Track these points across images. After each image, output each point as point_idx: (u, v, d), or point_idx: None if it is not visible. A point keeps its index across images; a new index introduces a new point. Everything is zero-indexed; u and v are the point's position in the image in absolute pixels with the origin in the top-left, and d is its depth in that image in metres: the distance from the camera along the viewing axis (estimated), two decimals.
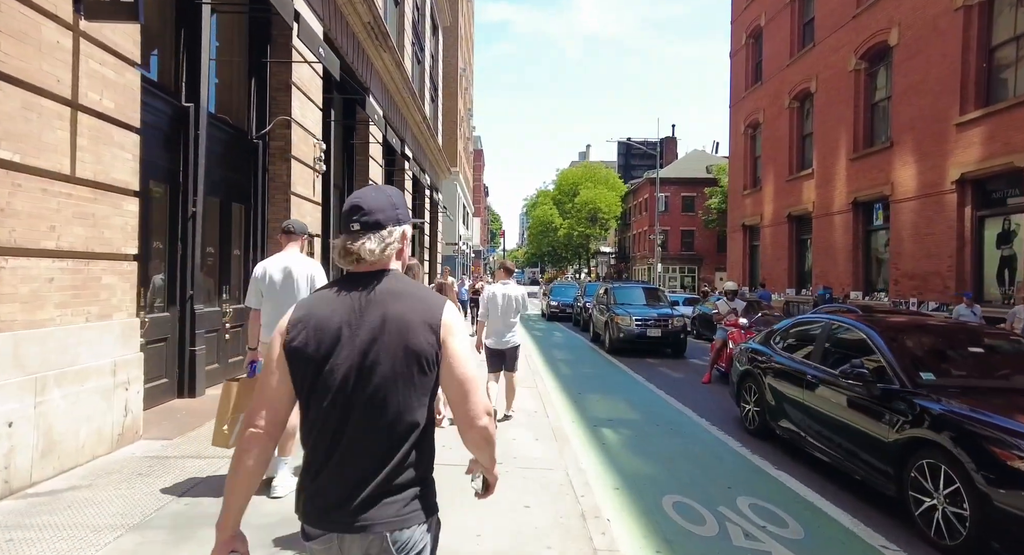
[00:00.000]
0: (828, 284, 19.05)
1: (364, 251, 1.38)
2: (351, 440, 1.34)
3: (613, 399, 7.69)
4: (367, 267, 1.41)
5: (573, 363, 11.00)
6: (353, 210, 1.42)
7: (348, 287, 1.40)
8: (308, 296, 1.52)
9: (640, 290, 13.85)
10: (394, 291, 1.40)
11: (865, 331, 4.55)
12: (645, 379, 9.35)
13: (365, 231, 1.39)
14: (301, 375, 1.36)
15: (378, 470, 1.33)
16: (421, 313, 1.38)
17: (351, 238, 1.40)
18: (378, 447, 1.34)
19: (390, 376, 1.34)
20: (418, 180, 20.04)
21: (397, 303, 1.38)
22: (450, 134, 39.96)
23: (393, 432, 1.34)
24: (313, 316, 1.38)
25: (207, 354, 6.65)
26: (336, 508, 1.32)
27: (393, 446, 1.34)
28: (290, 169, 8.14)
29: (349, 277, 1.43)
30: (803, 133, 21.70)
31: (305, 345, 1.35)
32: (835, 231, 18.73)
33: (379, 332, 1.35)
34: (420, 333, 1.36)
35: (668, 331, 11.79)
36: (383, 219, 1.42)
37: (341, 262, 1.43)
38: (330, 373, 1.34)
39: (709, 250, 44.19)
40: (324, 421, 1.35)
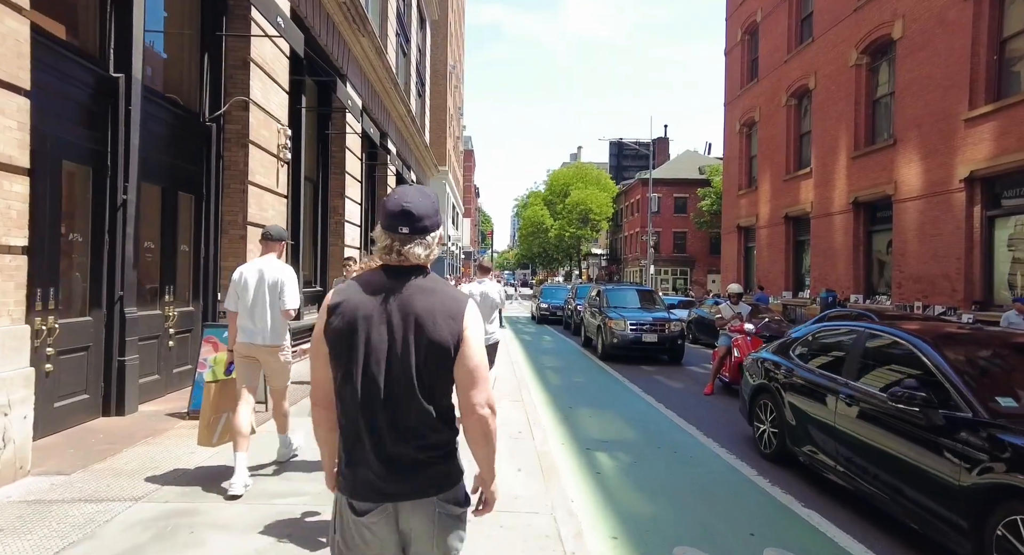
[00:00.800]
0: (828, 287, 18.42)
1: (412, 255, 1.52)
2: (385, 417, 1.47)
3: (607, 414, 6.89)
4: (404, 262, 1.53)
5: (563, 371, 10.19)
6: (403, 215, 1.51)
7: (386, 280, 1.53)
8: (347, 283, 1.60)
9: (634, 292, 13.08)
10: (424, 287, 1.53)
11: (913, 342, 3.78)
12: (641, 390, 8.57)
13: (414, 236, 1.51)
14: (336, 355, 1.51)
15: (414, 443, 1.48)
16: (446, 308, 1.51)
17: (400, 241, 1.51)
18: (410, 423, 1.48)
19: (417, 362, 1.47)
20: (402, 177, 19.17)
21: (426, 298, 1.51)
22: (438, 132, 39.11)
23: (422, 410, 1.48)
24: (350, 303, 1.51)
25: (142, 365, 5.78)
26: (383, 480, 1.46)
27: (423, 422, 1.49)
28: (248, 156, 7.27)
29: (387, 269, 1.55)
30: (801, 131, 21.10)
31: (340, 330, 1.49)
32: (835, 232, 18.10)
33: (408, 323, 1.48)
34: (444, 326, 1.48)
35: (665, 336, 11.02)
36: (429, 225, 1.53)
37: (384, 257, 1.55)
38: (363, 356, 1.48)
39: (701, 252, 43.63)
40: (357, 405, 1.48)
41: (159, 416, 5.41)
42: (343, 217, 12.12)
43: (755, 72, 24.46)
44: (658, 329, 11.06)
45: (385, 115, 15.90)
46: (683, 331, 11.32)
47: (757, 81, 23.91)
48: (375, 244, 1.58)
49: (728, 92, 27.20)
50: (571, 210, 50.00)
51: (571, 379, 9.38)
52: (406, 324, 1.47)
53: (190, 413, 5.35)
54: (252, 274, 3.99)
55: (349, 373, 1.48)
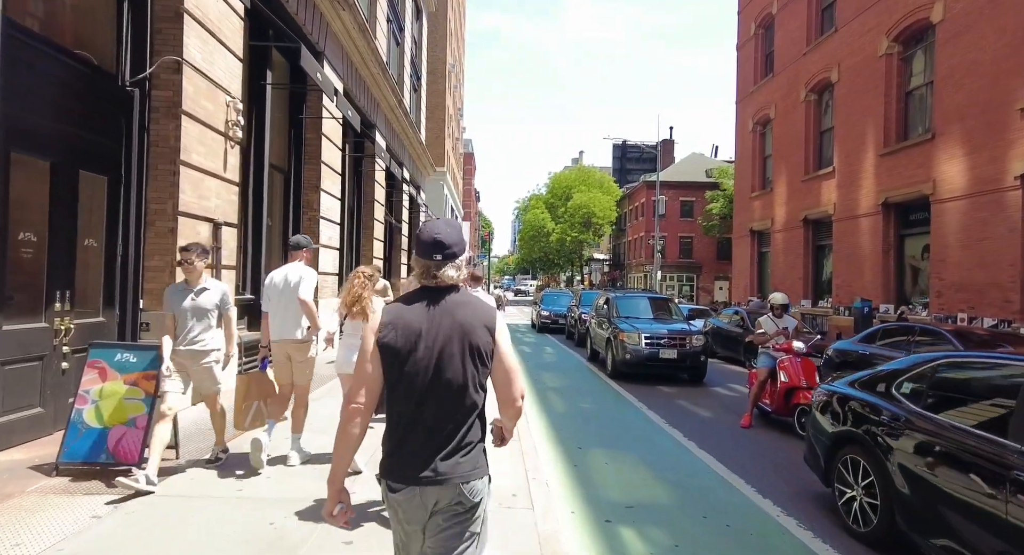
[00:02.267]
0: (853, 294, 16.96)
1: (446, 277, 1.83)
2: (429, 416, 1.75)
3: (628, 459, 5.41)
4: (441, 284, 1.83)
5: (568, 393, 8.71)
6: (436, 245, 1.82)
7: (427, 298, 1.83)
8: (395, 303, 1.87)
9: (648, 301, 11.60)
10: (460, 302, 1.83)
11: None
12: (664, 420, 7.09)
13: (446, 261, 1.82)
14: (389, 365, 1.77)
15: (451, 438, 1.75)
16: (480, 319, 1.81)
17: (435, 266, 1.82)
18: (449, 421, 1.76)
19: (458, 367, 1.75)
20: (392, 174, 17.75)
21: (463, 311, 1.81)
22: (436, 132, 37.77)
23: (460, 409, 1.77)
24: (400, 319, 1.79)
25: (13, 395, 4.33)
26: (421, 468, 1.73)
27: (460, 420, 1.77)
28: (181, 129, 5.83)
29: (426, 290, 1.85)
30: (821, 128, 19.69)
31: (394, 342, 1.76)
32: (861, 236, 16.66)
33: (450, 333, 1.77)
34: (480, 334, 1.79)
35: (686, 352, 9.55)
36: (457, 251, 1.84)
37: (423, 280, 1.85)
38: (413, 364, 1.75)
39: (708, 258, 42.17)
40: (407, 401, 1.76)
41: (18, 469, 3.95)
42: (318, 213, 10.68)
43: (770, 67, 23.09)
44: (677, 344, 9.59)
45: (372, 104, 14.50)
46: (706, 346, 9.85)
47: (772, 76, 22.54)
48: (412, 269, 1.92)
49: (740, 89, 25.83)
50: (573, 214, 48.55)
51: (578, 404, 7.90)
52: (450, 334, 1.77)
53: (59, 467, 3.88)
54: (280, 278, 4.48)
55: (401, 377, 1.76)
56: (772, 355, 6.91)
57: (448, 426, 1.74)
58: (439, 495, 1.72)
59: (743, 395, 9.09)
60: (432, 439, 1.73)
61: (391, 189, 19.55)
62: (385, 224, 17.58)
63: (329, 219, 11.16)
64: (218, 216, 6.64)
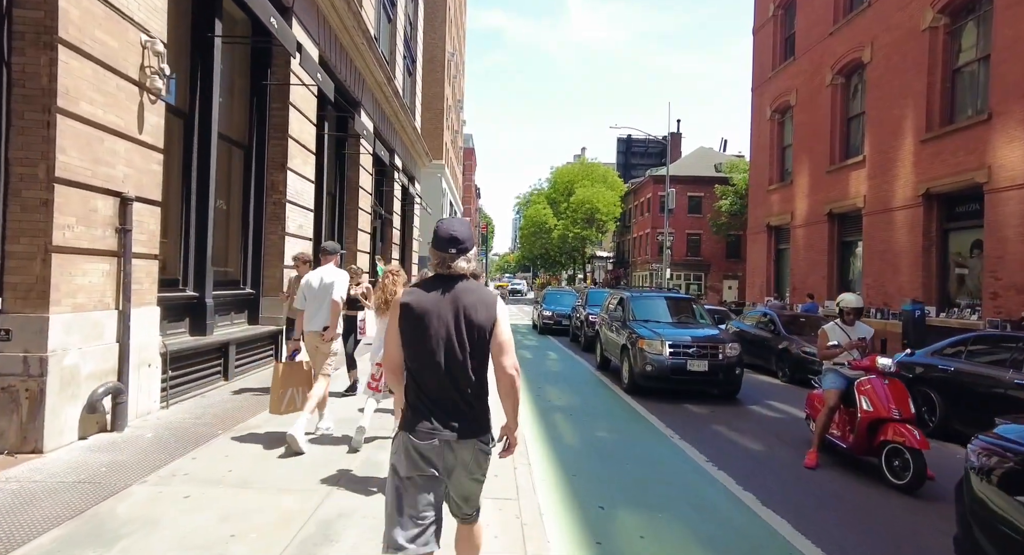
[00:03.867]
0: (885, 294, 15.41)
1: (458, 268, 2.22)
2: (442, 381, 2.14)
3: (672, 531, 3.84)
4: (453, 272, 2.22)
5: (579, 416, 7.13)
6: (452, 240, 2.21)
7: (441, 284, 2.22)
8: (412, 287, 2.26)
9: (668, 301, 10.01)
10: (468, 288, 2.22)
11: None
12: (704, 456, 5.53)
13: (459, 254, 2.21)
14: (408, 338, 2.18)
15: (461, 398, 2.16)
16: (484, 302, 2.20)
17: (450, 257, 2.21)
18: (459, 385, 2.15)
19: (465, 340, 2.15)
20: (382, 160, 16.18)
21: (470, 295, 2.20)
22: (434, 122, 36.20)
23: (467, 376, 2.16)
24: (417, 300, 2.18)
25: None
26: (437, 423, 2.12)
27: (467, 384, 2.16)
28: (57, 64, 4.27)
29: (440, 277, 2.24)
30: (849, 114, 18.10)
31: (412, 318, 2.16)
32: (896, 230, 15.08)
33: (458, 313, 2.16)
34: (482, 314, 2.18)
35: (719, 364, 7.99)
36: (469, 246, 2.24)
37: (438, 269, 2.24)
38: (428, 338, 2.14)
39: (717, 255, 40.59)
40: (423, 370, 2.16)
41: None
42: (284, 196, 9.11)
43: (790, 50, 21.51)
44: (708, 354, 8.01)
45: (355, 78, 12.92)
46: (741, 357, 8.27)
47: (794, 60, 20.95)
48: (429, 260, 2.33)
49: (756, 75, 24.23)
50: (576, 209, 46.89)
51: (592, 432, 6.32)
52: (457, 313, 2.16)
53: None
54: (315, 279, 5.24)
55: (418, 350, 2.16)
56: (845, 374, 5.35)
57: (457, 390, 2.15)
58: (459, 449, 2.13)
59: (789, 416, 7.53)
60: (447, 403, 2.15)
61: (381, 177, 17.98)
62: (373, 215, 16.01)
63: (299, 204, 9.60)
64: (127, 189, 5.08)
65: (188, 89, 7.13)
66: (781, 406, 8.18)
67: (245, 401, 6.25)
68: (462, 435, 2.11)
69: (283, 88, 9.11)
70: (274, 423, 5.26)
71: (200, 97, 7.23)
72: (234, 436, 4.94)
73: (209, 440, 4.78)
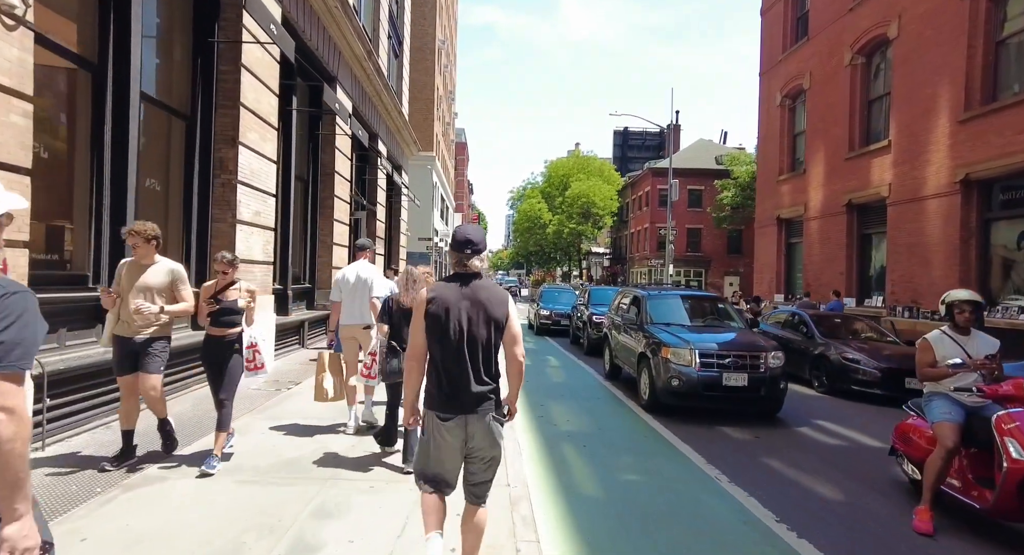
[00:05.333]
0: (915, 291, 14.08)
1: (474, 267, 2.61)
2: (462, 367, 2.51)
3: None
4: (469, 270, 2.60)
5: (594, 445, 5.66)
6: (467, 242, 2.59)
7: (460, 281, 2.59)
8: (437, 284, 2.65)
9: (691, 301, 8.57)
10: (484, 285, 2.60)
11: None
12: (768, 509, 4.12)
13: (473, 254, 2.60)
14: (431, 329, 2.54)
15: (478, 382, 2.53)
16: (498, 298, 2.60)
17: (466, 257, 2.59)
18: (477, 370, 2.53)
19: (481, 331, 2.54)
20: (363, 144, 14.67)
21: (485, 292, 2.58)
22: (424, 112, 34.67)
23: (484, 362, 2.55)
24: (440, 296, 2.55)
25: None
26: (461, 402, 2.51)
27: (484, 369, 2.55)
28: None
29: (458, 275, 2.62)
30: (871, 96, 16.74)
31: (436, 312, 2.53)
32: (928, 221, 13.74)
33: (476, 307, 2.54)
34: (498, 309, 2.57)
35: (761, 378, 6.53)
36: (482, 248, 2.62)
37: (456, 268, 2.62)
38: (449, 329, 2.51)
39: (718, 251, 39.29)
40: (446, 357, 2.53)
41: None
42: (235, 177, 7.61)
43: (803, 30, 20.12)
44: (748, 365, 6.58)
45: (329, 47, 11.38)
46: (784, 370, 6.84)
47: (807, 40, 19.56)
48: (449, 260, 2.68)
49: (765, 59, 22.84)
50: (571, 204, 45.39)
51: (615, 473, 4.83)
52: (476, 307, 2.54)
53: None
54: (352, 274, 5.50)
55: (441, 339, 2.52)
56: (966, 403, 3.93)
57: (475, 374, 2.52)
58: (476, 423, 2.53)
59: (850, 442, 6.14)
60: (468, 383, 2.51)
61: (363, 165, 16.45)
62: (353, 204, 14.49)
63: (254, 186, 8.09)
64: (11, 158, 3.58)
65: (98, 36, 5.62)
66: (833, 427, 6.78)
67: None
68: (478, 411, 2.53)
69: (234, 48, 7.60)
70: None
71: (114, 48, 5.71)
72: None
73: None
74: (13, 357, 1.29)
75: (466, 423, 2.50)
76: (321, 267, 12.16)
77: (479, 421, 2.52)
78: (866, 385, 8.40)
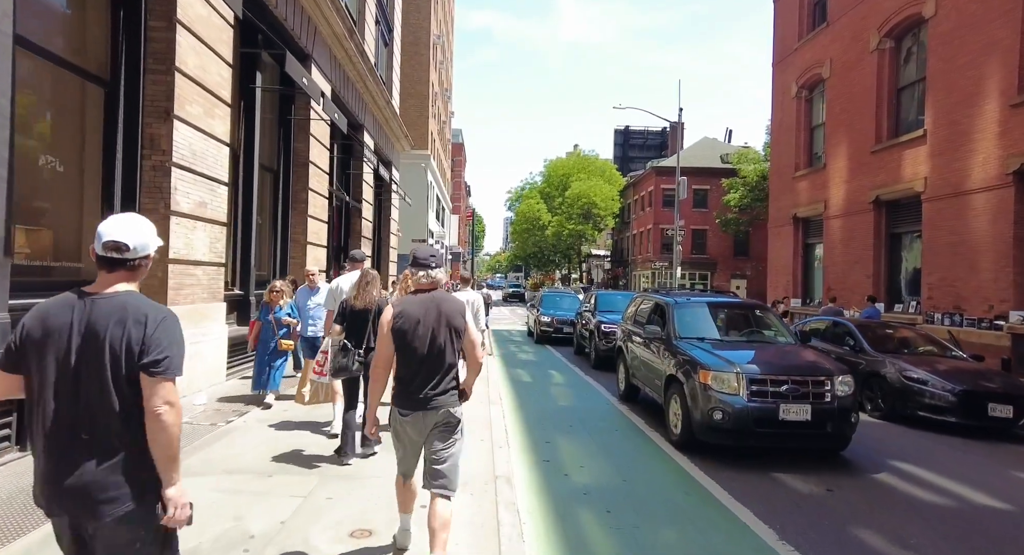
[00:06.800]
0: (957, 295, 12.68)
1: (431, 279, 3.00)
2: (426, 370, 2.86)
3: None
4: (429, 286, 2.99)
5: (621, 510, 4.17)
6: (430, 258, 3.01)
7: (422, 296, 2.95)
8: (403, 300, 3.00)
9: (726, 310, 7.13)
10: (444, 298, 2.98)
11: None
12: None
13: (433, 268, 2.99)
14: (398, 341, 2.86)
15: (440, 381, 2.87)
16: (457, 310, 2.96)
17: (429, 268, 2.99)
18: (438, 372, 2.87)
19: (443, 340, 2.87)
20: (345, 135, 13.26)
21: (445, 304, 2.94)
22: (419, 109, 33.26)
23: (444, 365, 2.88)
24: (406, 311, 2.88)
25: None
26: (421, 399, 2.84)
27: (445, 371, 2.89)
28: None
29: (421, 291, 2.99)
30: (901, 83, 15.37)
31: (402, 325, 2.85)
32: (973, 218, 12.34)
33: (438, 319, 2.88)
34: (457, 319, 2.92)
35: (827, 409, 5.10)
36: (440, 263, 3.06)
37: (418, 283, 3.02)
38: (414, 339, 2.84)
39: (724, 253, 37.88)
40: (412, 362, 2.86)
41: None
42: (169, 158, 6.17)
43: (822, 16, 18.77)
44: (811, 393, 5.15)
45: (302, 21, 9.93)
46: (856, 399, 5.40)
47: (827, 26, 18.21)
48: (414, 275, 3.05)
49: (778, 49, 21.51)
50: (571, 204, 43.93)
51: None
52: (438, 319, 2.88)
53: None
54: (346, 284, 5.41)
55: (407, 347, 2.85)
56: None
57: (437, 376, 2.87)
58: (435, 416, 2.87)
59: (961, 501, 4.68)
60: (428, 384, 2.84)
61: (346, 156, 15.02)
62: (332, 199, 13.05)
63: (196, 171, 6.64)
64: None
65: None
66: (921, 473, 5.33)
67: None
68: (437, 407, 2.86)
69: (169, 3, 6.16)
70: None
71: None
72: None
73: None
74: (173, 366, 1.75)
75: (424, 416, 2.86)
76: (293, 269, 10.67)
77: (436, 413, 2.87)
78: (937, 411, 6.97)
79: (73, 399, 1.69)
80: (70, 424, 1.69)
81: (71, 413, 1.69)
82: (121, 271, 1.81)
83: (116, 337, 1.69)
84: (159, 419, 1.68)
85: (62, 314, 1.72)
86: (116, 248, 1.77)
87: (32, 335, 1.71)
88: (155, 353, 1.70)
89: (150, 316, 1.74)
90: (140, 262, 1.84)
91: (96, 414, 1.69)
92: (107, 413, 1.69)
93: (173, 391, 1.73)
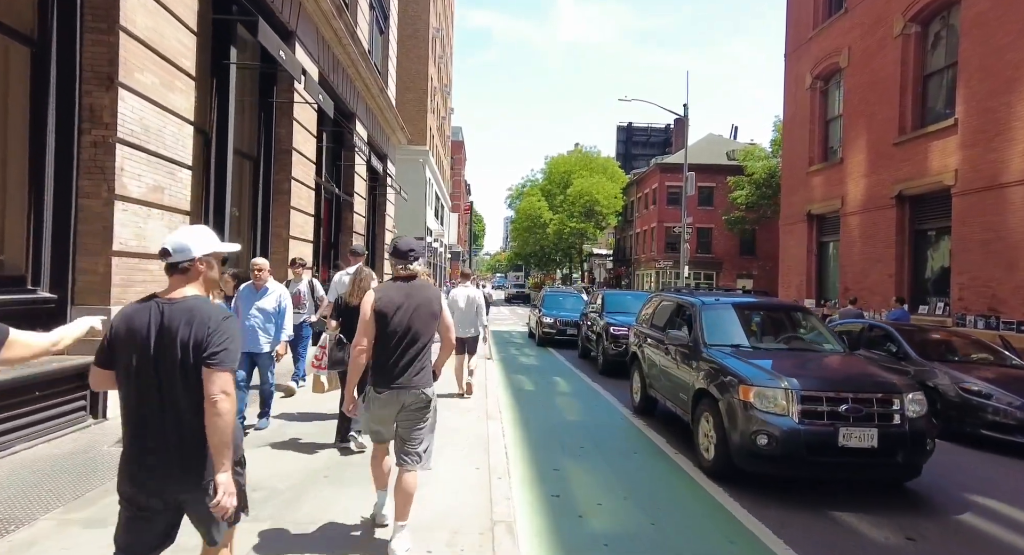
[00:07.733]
0: (992, 297, 11.77)
1: (414, 270, 3.20)
2: (403, 351, 3.07)
3: None
4: (408, 275, 3.20)
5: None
6: (409, 252, 3.21)
7: (400, 284, 3.17)
8: (383, 285, 3.25)
9: (761, 313, 6.22)
10: (421, 286, 3.20)
11: None
12: None
13: (414, 261, 3.20)
14: (380, 324, 3.06)
15: (413, 362, 3.09)
16: (434, 297, 3.22)
17: (408, 262, 3.19)
18: (414, 353, 3.09)
19: (420, 324, 3.10)
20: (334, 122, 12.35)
21: (422, 292, 3.17)
22: (417, 103, 32.33)
23: (420, 347, 3.11)
24: (386, 296, 3.11)
25: None
26: (396, 378, 3.05)
27: (419, 353, 3.11)
28: None
29: (400, 278, 3.21)
30: (928, 69, 14.45)
31: (383, 309, 3.06)
32: (1012, 214, 11.42)
33: (416, 305, 3.11)
34: (435, 305, 3.19)
35: (897, 433, 4.17)
36: (420, 255, 3.28)
37: (398, 273, 3.22)
38: (394, 323, 3.05)
39: (730, 252, 36.94)
40: (390, 343, 3.06)
41: None
42: (113, 132, 5.26)
43: (839, 2, 17.85)
44: (877, 414, 4.23)
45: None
46: (930, 421, 4.50)
47: (844, 12, 17.30)
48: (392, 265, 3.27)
49: (791, 38, 20.59)
50: (573, 202, 42.96)
51: None
52: (415, 306, 3.10)
53: None
54: (348, 277, 5.29)
55: (386, 332, 3.05)
56: None
57: (414, 357, 3.08)
58: (408, 396, 3.07)
59: None
60: (404, 364, 3.06)
61: (337, 146, 14.11)
62: (320, 191, 12.13)
63: (149, 150, 5.72)
64: None
65: None
66: (1017, 515, 4.39)
67: None
68: (410, 387, 3.07)
69: None
70: None
71: None
72: None
73: None
74: (230, 360, 1.96)
75: (398, 395, 3.07)
76: (275, 265, 9.73)
77: (408, 393, 3.08)
78: (1004, 430, 6.04)
79: (155, 389, 1.94)
80: (153, 410, 1.94)
81: (154, 400, 1.94)
82: (177, 275, 2.04)
83: (185, 335, 1.93)
84: (215, 406, 1.88)
85: (142, 316, 1.98)
86: (162, 254, 2.03)
87: (119, 334, 1.97)
88: (214, 347, 1.92)
89: (212, 317, 1.98)
90: (188, 265, 2.03)
91: (175, 401, 1.94)
92: (181, 401, 1.94)
93: (229, 382, 1.94)
